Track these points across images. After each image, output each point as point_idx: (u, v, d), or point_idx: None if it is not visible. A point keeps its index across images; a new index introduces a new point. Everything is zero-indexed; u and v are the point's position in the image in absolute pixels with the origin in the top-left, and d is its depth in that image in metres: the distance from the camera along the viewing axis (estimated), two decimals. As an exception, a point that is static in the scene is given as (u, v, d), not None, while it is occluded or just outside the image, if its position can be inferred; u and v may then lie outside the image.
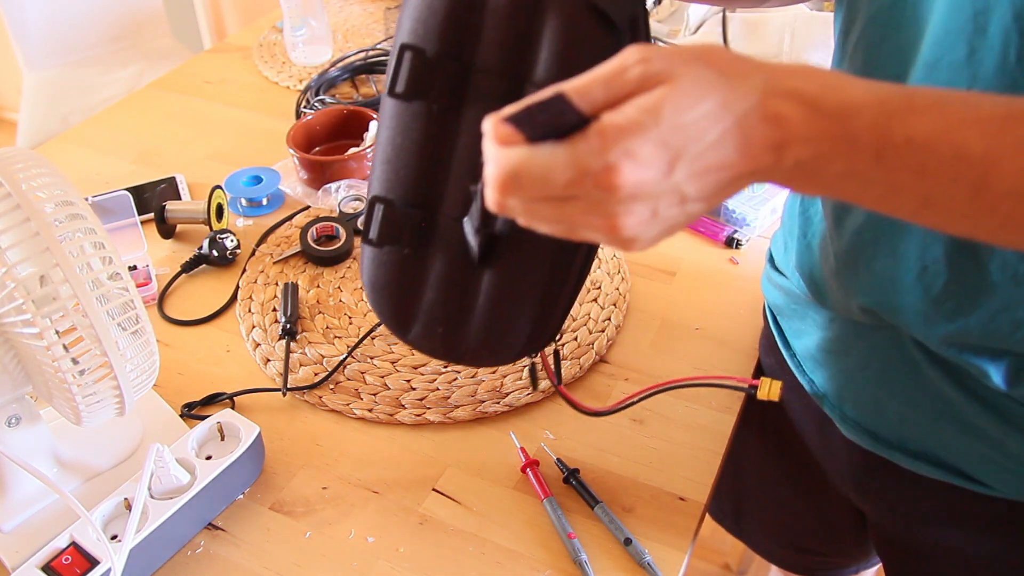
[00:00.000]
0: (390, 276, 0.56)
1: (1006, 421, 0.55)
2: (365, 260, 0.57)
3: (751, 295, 0.84)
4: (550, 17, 0.48)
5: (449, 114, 0.51)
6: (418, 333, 0.57)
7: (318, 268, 0.88)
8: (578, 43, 0.47)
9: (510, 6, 0.49)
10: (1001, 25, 0.43)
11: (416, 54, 0.50)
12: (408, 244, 0.54)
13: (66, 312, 0.52)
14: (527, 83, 0.49)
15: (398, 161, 0.53)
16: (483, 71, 0.50)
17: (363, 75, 1.22)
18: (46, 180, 0.53)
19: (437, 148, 0.52)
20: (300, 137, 1.02)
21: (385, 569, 0.61)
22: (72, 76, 1.92)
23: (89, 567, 0.56)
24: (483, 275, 0.54)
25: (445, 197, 0.53)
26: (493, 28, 0.49)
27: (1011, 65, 0.43)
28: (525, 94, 0.42)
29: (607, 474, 0.67)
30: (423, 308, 0.56)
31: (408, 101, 0.52)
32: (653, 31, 1.27)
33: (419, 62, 0.50)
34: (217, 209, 0.92)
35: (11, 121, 2.86)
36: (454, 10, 0.50)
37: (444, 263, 0.55)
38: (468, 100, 0.51)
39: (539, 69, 0.48)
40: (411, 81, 0.51)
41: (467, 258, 0.53)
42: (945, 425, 0.58)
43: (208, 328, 0.83)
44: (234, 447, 0.64)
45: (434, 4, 0.50)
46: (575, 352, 0.77)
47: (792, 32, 1.09)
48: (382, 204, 0.54)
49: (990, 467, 0.58)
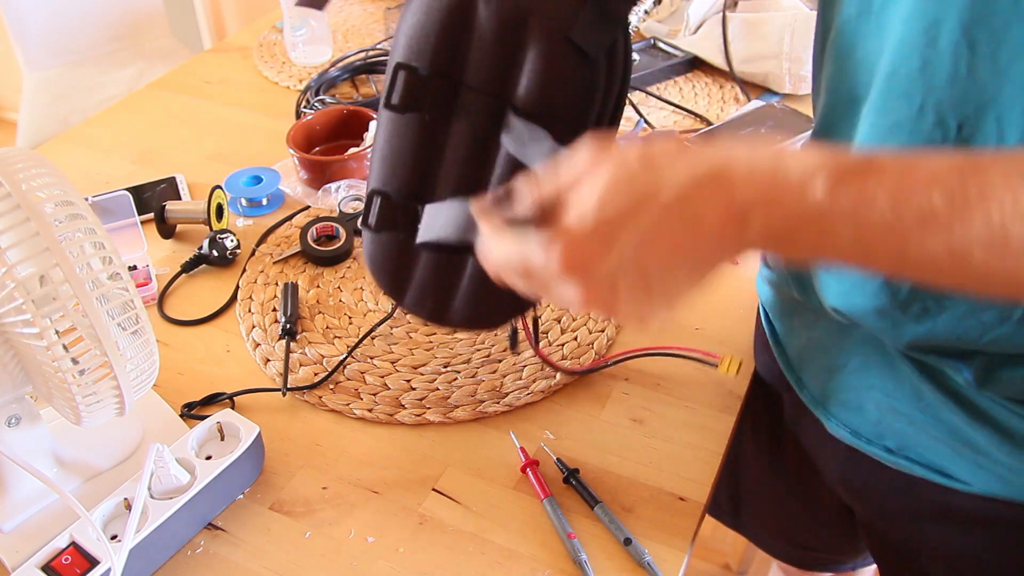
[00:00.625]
0: (387, 255, 0.64)
1: (976, 417, 0.55)
2: (366, 240, 0.65)
3: (750, 295, 0.83)
4: (531, 46, 0.54)
5: (439, 124, 0.58)
6: (410, 303, 0.65)
7: (318, 268, 0.88)
8: (555, 71, 0.54)
9: (495, 33, 0.54)
10: (951, 39, 0.44)
11: (410, 72, 0.57)
12: (402, 230, 0.61)
13: (66, 312, 0.52)
14: (509, 103, 0.55)
15: (394, 160, 0.61)
16: (470, 89, 0.56)
17: (363, 75, 1.23)
18: (46, 180, 0.53)
19: (428, 151, 0.59)
20: (300, 137, 1.02)
21: (385, 569, 0.61)
22: (72, 76, 1.92)
23: (89, 567, 0.56)
24: (467, 257, 0.61)
25: (435, 192, 0.60)
26: (480, 51, 0.55)
27: (962, 78, 0.44)
28: (507, 112, 0.55)
29: (607, 474, 0.67)
30: (415, 283, 0.64)
31: (402, 113, 0.58)
32: (653, 31, 1.27)
33: (412, 79, 0.57)
34: (217, 209, 0.92)
35: (11, 121, 2.85)
36: (445, 32, 0.55)
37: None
38: (456, 113, 0.58)
39: (520, 91, 0.55)
40: (405, 96, 0.58)
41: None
42: (921, 421, 0.59)
43: (208, 328, 0.83)
44: (234, 447, 0.64)
45: (427, 26, 0.55)
46: (575, 352, 0.77)
47: (792, 32, 1.09)
48: (379, 196, 0.62)
49: (964, 463, 0.58)
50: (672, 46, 1.24)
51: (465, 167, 0.59)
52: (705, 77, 1.22)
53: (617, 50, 0.55)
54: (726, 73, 1.19)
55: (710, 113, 1.13)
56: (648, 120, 1.10)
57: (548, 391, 0.74)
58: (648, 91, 1.16)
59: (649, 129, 1.09)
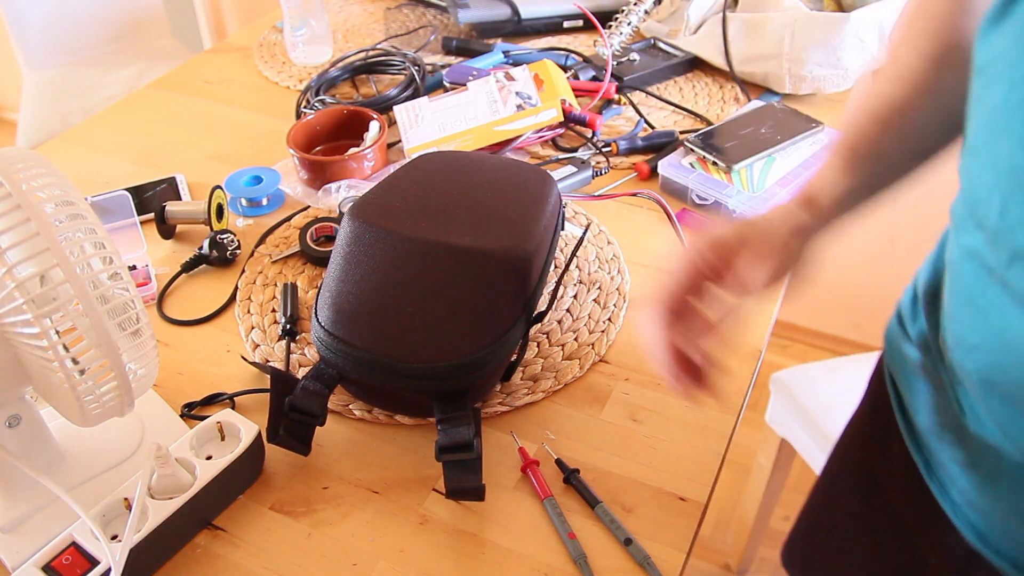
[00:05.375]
0: None
1: None
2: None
3: (751, 295, 0.83)
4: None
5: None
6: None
7: (317, 268, 0.88)
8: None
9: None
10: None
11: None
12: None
13: (66, 312, 0.52)
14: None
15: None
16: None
17: (363, 75, 1.23)
18: (46, 180, 0.53)
19: None
20: (300, 137, 1.02)
21: (385, 569, 0.61)
22: (72, 76, 1.92)
23: (89, 567, 0.56)
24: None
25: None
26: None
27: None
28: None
29: (607, 474, 0.67)
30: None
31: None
32: (653, 31, 1.27)
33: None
34: (217, 209, 0.92)
35: (11, 121, 2.85)
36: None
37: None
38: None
39: None
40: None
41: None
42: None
43: (208, 328, 0.83)
44: (234, 447, 0.64)
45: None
46: (575, 352, 0.77)
47: (792, 32, 1.09)
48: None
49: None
50: (672, 46, 1.24)
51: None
52: (705, 77, 1.21)
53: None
54: (726, 73, 1.19)
55: (710, 113, 1.13)
56: (648, 120, 1.10)
57: (548, 391, 0.74)
58: (648, 91, 1.16)
59: (649, 129, 1.09)
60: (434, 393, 0.65)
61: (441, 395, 0.65)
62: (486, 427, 0.71)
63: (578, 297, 0.83)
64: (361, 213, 0.71)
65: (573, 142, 1.07)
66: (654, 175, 1.00)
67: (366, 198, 0.73)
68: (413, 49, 1.28)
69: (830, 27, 1.07)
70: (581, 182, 0.98)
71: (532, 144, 1.06)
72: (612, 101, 1.14)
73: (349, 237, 0.70)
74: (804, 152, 0.98)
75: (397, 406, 0.71)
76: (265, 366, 0.73)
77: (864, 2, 1.13)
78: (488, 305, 0.66)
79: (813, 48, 1.09)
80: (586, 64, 1.20)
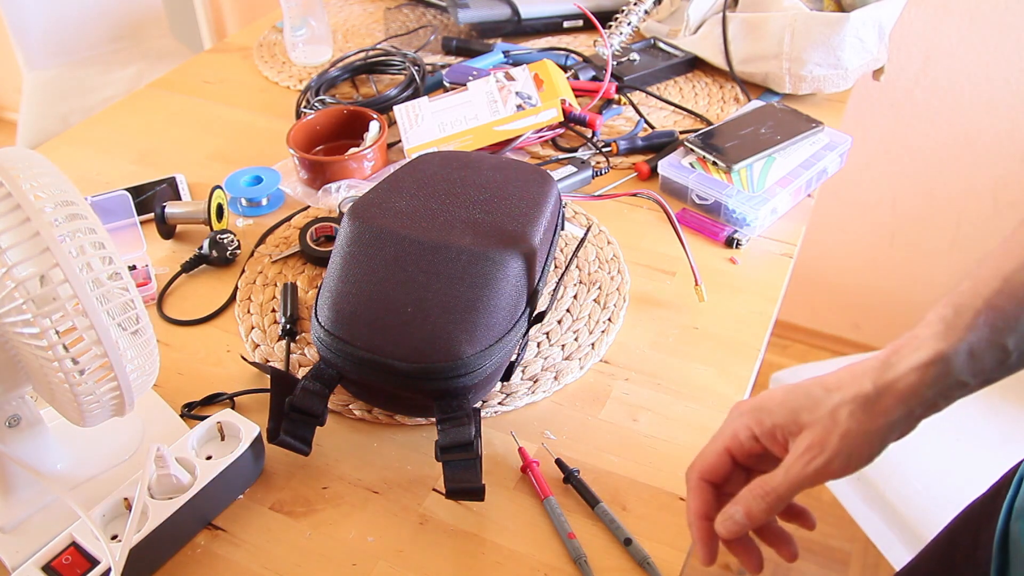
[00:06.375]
0: None
1: None
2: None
3: (750, 294, 0.84)
4: None
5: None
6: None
7: (317, 268, 0.88)
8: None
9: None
10: None
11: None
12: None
13: (66, 312, 0.52)
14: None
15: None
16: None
17: (363, 75, 1.23)
18: (46, 180, 0.53)
19: None
20: (300, 137, 1.02)
21: (385, 569, 0.61)
22: (72, 76, 1.92)
23: (89, 567, 0.56)
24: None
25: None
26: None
27: None
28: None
29: (607, 474, 0.67)
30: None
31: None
32: (653, 31, 1.27)
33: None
34: (217, 209, 0.92)
35: (11, 121, 2.86)
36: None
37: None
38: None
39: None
40: None
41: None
42: None
43: (208, 328, 0.83)
44: (234, 447, 0.64)
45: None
46: (575, 352, 0.77)
47: (792, 32, 1.09)
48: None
49: None
50: (672, 46, 1.24)
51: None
52: (705, 77, 1.22)
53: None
54: (726, 73, 1.19)
55: (710, 113, 1.13)
56: (648, 120, 1.10)
57: (548, 391, 0.74)
58: (648, 91, 1.16)
59: (649, 129, 1.09)
60: (434, 393, 0.65)
61: (441, 395, 0.64)
62: (486, 427, 0.71)
63: (578, 297, 0.83)
64: (361, 213, 0.71)
65: (573, 142, 1.07)
66: (654, 175, 1.00)
67: (366, 198, 0.73)
68: (413, 49, 1.28)
69: (830, 27, 1.07)
70: (581, 182, 0.98)
71: (532, 144, 1.06)
72: (612, 101, 1.14)
73: (349, 237, 0.70)
74: (804, 152, 0.98)
75: (397, 406, 0.71)
76: (265, 366, 0.73)
77: (864, 2, 1.13)
78: (488, 305, 0.66)
79: (813, 48, 1.09)
80: (586, 64, 1.20)
